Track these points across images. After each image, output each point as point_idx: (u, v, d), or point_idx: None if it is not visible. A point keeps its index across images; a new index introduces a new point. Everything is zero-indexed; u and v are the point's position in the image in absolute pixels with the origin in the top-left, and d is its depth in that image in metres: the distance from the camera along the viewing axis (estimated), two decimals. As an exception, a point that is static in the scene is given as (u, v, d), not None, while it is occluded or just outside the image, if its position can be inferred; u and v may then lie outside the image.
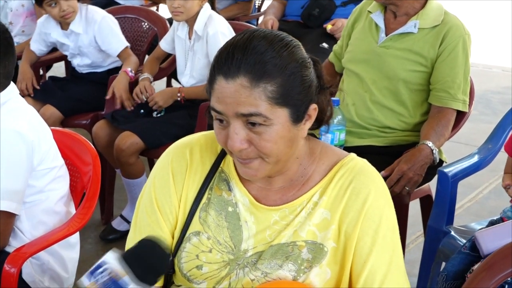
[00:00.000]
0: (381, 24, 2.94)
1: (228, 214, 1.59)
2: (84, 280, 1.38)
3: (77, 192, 2.39)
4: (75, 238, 2.33)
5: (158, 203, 1.62)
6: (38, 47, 4.10)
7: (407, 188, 2.66)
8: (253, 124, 1.41)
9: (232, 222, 1.58)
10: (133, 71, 3.81)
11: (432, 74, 2.84)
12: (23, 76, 3.97)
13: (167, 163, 1.63)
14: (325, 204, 1.54)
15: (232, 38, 1.47)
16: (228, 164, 1.61)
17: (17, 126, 2.08)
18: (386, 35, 2.92)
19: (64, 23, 3.89)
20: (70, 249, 2.30)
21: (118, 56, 3.94)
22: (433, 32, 2.84)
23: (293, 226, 1.54)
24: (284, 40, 1.45)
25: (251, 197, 1.58)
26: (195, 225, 1.59)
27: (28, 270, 2.15)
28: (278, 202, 1.57)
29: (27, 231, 2.18)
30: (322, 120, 1.58)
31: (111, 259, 1.39)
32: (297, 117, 1.45)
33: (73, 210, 2.34)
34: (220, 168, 1.61)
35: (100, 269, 1.38)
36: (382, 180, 1.58)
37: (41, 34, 4.03)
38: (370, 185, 1.53)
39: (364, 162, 1.59)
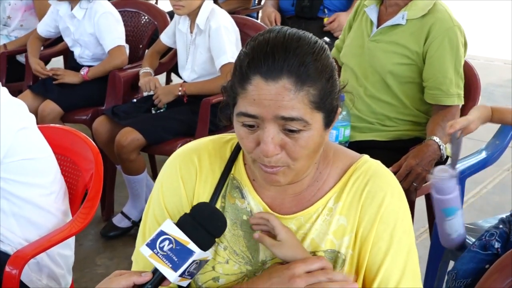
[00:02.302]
0: (374, 18, 2.93)
1: (243, 223, 1.53)
2: (145, 250, 1.35)
3: (78, 190, 2.35)
4: None
5: (169, 211, 1.56)
6: (46, 28, 4.11)
7: (415, 184, 2.62)
8: (291, 130, 1.34)
9: (247, 231, 1.52)
10: (88, 74, 3.89)
11: (424, 71, 2.82)
12: (33, 66, 3.99)
13: (175, 170, 1.57)
14: (340, 210, 1.49)
15: (262, 36, 1.38)
16: (239, 170, 1.55)
17: None
18: (377, 28, 2.90)
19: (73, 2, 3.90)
20: (64, 246, 2.26)
21: (109, 52, 3.91)
22: (420, 24, 2.81)
23: (311, 235, 1.49)
24: (318, 42, 1.39)
25: (265, 206, 1.52)
26: None
27: (24, 270, 2.10)
28: (293, 209, 1.52)
29: (16, 230, 2.14)
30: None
31: (170, 229, 1.36)
32: (328, 122, 1.40)
33: (68, 209, 2.30)
34: (231, 175, 1.55)
35: (160, 239, 1.35)
36: (397, 181, 1.53)
37: (53, 12, 4.04)
38: (386, 187, 1.49)
39: (378, 164, 1.54)
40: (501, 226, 2.30)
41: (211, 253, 1.51)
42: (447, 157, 2.81)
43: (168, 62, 4.06)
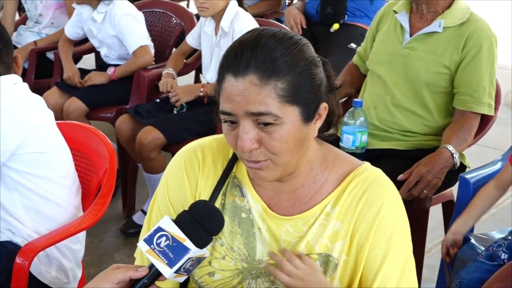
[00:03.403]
0: (406, 25, 2.90)
1: (242, 221, 1.55)
2: (142, 245, 1.37)
3: (92, 186, 2.38)
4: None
5: (174, 206, 1.58)
6: (73, 30, 4.16)
7: (425, 192, 2.61)
8: (264, 124, 1.37)
9: (245, 229, 1.55)
10: (114, 74, 3.93)
11: (456, 77, 2.79)
12: (68, 74, 4.01)
13: (180, 165, 1.59)
14: (337, 215, 1.50)
15: (240, 37, 1.43)
16: (240, 169, 1.57)
17: None
18: (411, 36, 2.88)
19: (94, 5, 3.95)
20: (74, 240, 2.30)
21: (133, 53, 3.95)
22: (458, 32, 2.79)
23: (307, 238, 1.51)
24: (294, 38, 1.41)
25: (263, 204, 1.54)
26: None
27: (34, 262, 2.14)
28: (290, 210, 1.53)
29: (26, 221, 2.18)
30: (331, 122, 1.53)
31: (167, 225, 1.37)
32: (308, 116, 1.41)
33: (80, 204, 2.34)
34: (232, 174, 1.58)
35: (157, 235, 1.37)
36: (396, 191, 1.53)
37: (78, 15, 4.09)
38: (384, 196, 1.49)
39: (378, 172, 1.54)
40: (510, 237, 2.28)
41: (210, 250, 1.53)
42: (464, 166, 2.80)
43: (193, 63, 4.09)
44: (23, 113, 2.13)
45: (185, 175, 1.58)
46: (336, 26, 4.36)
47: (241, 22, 3.46)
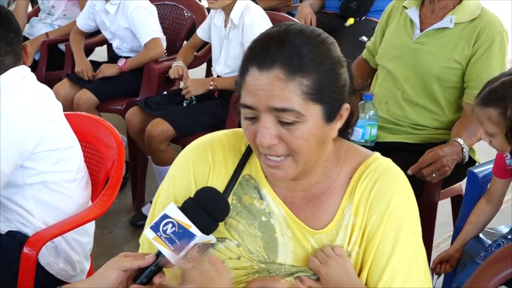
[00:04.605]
0: (416, 20, 2.89)
1: (262, 224, 1.53)
2: (149, 232, 1.39)
3: (100, 177, 2.39)
4: (90, 223, 2.32)
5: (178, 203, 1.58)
6: (85, 22, 4.17)
7: (434, 175, 2.58)
8: (285, 122, 1.35)
9: (266, 233, 1.53)
10: (125, 66, 3.93)
11: (467, 71, 2.78)
12: (80, 68, 4.03)
13: (187, 165, 1.58)
14: (352, 211, 1.50)
15: (267, 30, 1.42)
16: (255, 169, 1.55)
17: (8, 110, 2.03)
18: (421, 31, 2.87)
19: None
20: (82, 233, 2.31)
21: (145, 45, 3.96)
22: (469, 27, 2.78)
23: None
24: (321, 36, 1.41)
25: (287, 209, 1.52)
26: (220, 231, 1.51)
27: (43, 253, 2.16)
28: (303, 207, 1.52)
29: (36, 213, 2.18)
30: (350, 123, 1.53)
31: (173, 212, 1.39)
32: (330, 116, 1.40)
33: (89, 196, 2.34)
34: (247, 175, 1.56)
35: (163, 222, 1.38)
36: (407, 180, 1.53)
37: (91, 7, 4.10)
38: (394, 186, 1.49)
39: (388, 162, 1.54)
40: (509, 236, 2.27)
41: (223, 250, 1.52)
42: (473, 161, 2.79)
43: (204, 56, 4.10)
44: (38, 112, 2.12)
45: (192, 176, 1.57)
46: (351, 21, 4.36)
47: (251, 15, 3.46)
